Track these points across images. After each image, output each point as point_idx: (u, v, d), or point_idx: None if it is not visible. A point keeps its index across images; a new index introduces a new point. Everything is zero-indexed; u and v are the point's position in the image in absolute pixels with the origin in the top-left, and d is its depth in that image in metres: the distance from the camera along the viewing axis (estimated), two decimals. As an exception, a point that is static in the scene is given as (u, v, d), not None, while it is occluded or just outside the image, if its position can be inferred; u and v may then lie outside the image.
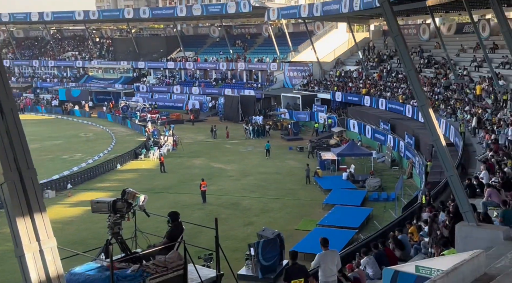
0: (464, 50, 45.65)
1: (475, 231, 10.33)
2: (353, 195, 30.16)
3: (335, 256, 9.72)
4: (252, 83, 64.67)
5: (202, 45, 73.86)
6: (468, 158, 26.62)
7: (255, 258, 19.63)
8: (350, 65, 58.70)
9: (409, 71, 11.18)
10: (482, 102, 33.85)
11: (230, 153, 43.14)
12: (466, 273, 7.57)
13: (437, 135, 11.03)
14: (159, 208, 28.84)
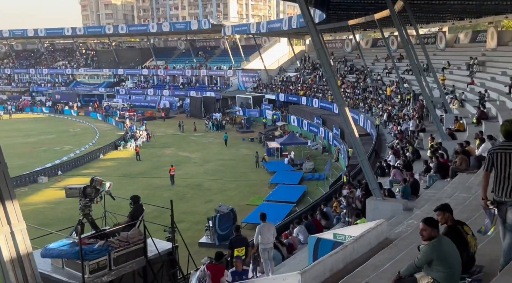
0: (378, 60, 46.58)
1: (381, 204, 10.54)
2: (293, 175, 30.38)
3: (271, 227, 9.68)
4: (212, 87, 64.03)
5: (171, 55, 72.57)
6: (380, 145, 27.20)
7: (213, 228, 19.53)
8: (290, 72, 58.95)
9: (329, 78, 11.22)
10: (391, 101, 34.62)
11: (195, 143, 42.66)
12: (372, 239, 7.68)
13: (351, 128, 11.13)
14: (135, 189, 28.21)
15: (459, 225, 4.33)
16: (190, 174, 31.55)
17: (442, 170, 12.44)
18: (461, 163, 11.88)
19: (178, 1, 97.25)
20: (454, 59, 36.18)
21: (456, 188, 10.26)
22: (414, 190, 12.05)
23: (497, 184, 4.54)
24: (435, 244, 3.93)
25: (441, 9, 31.63)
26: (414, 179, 12.46)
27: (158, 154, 38.37)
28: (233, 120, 52.48)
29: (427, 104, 21.53)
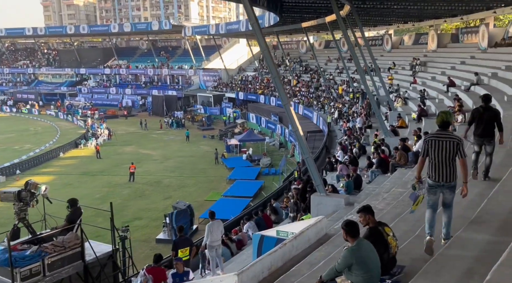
0: (330, 60, 47.03)
1: (325, 199, 10.43)
2: (250, 171, 30.17)
3: (220, 225, 9.37)
4: (174, 86, 62.84)
5: (133, 55, 70.72)
6: (332, 141, 27.39)
7: (170, 225, 18.98)
8: (249, 71, 58.69)
9: (274, 78, 11.00)
10: (342, 99, 34.97)
11: (156, 141, 41.69)
12: (311, 235, 7.50)
13: (296, 127, 10.97)
14: (94, 187, 27.38)
15: (380, 226, 4.19)
16: (150, 171, 30.74)
17: (383, 165, 12.52)
18: (400, 158, 11.96)
19: (140, 2, 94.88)
20: (399, 60, 36.96)
21: (394, 183, 10.29)
22: (357, 184, 12.06)
23: (432, 169, 4.75)
24: (354, 249, 3.76)
25: (386, 13, 32.19)
26: (357, 174, 12.46)
27: (118, 151, 37.21)
28: (195, 118, 51.75)
29: (370, 102, 21.75)
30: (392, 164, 12.03)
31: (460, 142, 4.73)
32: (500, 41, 25.62)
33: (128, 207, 23.91)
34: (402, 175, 10.92)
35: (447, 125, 4.95)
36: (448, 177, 4.68)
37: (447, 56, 30.91)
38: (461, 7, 27.01)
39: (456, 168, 4.77)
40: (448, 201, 4.79)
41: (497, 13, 26.20)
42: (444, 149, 4.66)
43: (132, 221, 21.84)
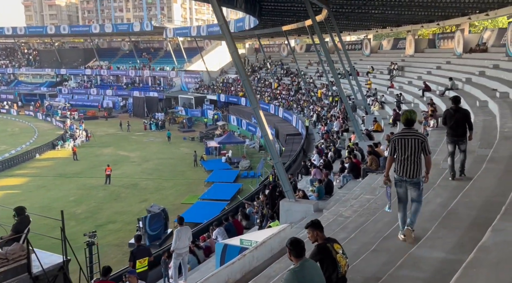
0: (311, 64, 46.91)
1: (294, 205, 10.12)
2: (229, 174, 29.72)
3: (188, 231, 8.98)
4: (156, 87, 61.99)
5: (115, 56, 69.57)
6: (309, 144, 27.19)
7: (143, 229, 18.47)
8: (231, 74, 58.24)
9: (244, 81, 10.66)
10: (321, 102, 34.85)
11: (135, 142, 40.91)
12: (274, 245, 7.15)
13: (266, 131, 10.65)
14: (69, 190, 26.63)
15: (329, 243, 3.87)
16: (127, 173, 30.06)
17: (354, 170, 12.27)
18: (371, 163, 11.73)
19: (123, 4, 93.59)
20: (378, 64, 37.05)
21: (364, 189, 10.04)
22: (328, 189, 11.78)
23: (398, 165, 4.94)
24: (297, 270, 3.43)
25: (365, 17, 32.23)
26: (328, 179, 12.18)
27: (96, 153, 36.36)
28: (175, 120, 51.10)
29: (345, 105, 21.57)
30: (364, 169, 11.79)
31: (424, 140, 4.89)
32: (475, 47, 25.78)
33: (102, 210, 23.27)
34: (372, 180, 10.68)
35: (411, 123, 5.04)
36: (412, 173, 4.82)
37: (424, 61, 31.04)
38: (437, 13, 27.15)
39: (421, 165, 4.88)
40: (415, 196, 4.92)
41: (472, 19, 26.39)
42: (409, 147, 4.80)
43: (106, 225, 21.32)
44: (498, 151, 7.04)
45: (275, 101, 42.07)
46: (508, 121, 9.52)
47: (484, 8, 23.32)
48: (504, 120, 9.87)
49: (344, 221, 7.21)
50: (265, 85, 48.68)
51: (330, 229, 7.13)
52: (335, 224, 7.33)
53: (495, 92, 14.86)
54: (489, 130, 9.98)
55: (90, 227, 21.23)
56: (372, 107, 25.67)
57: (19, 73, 71.29)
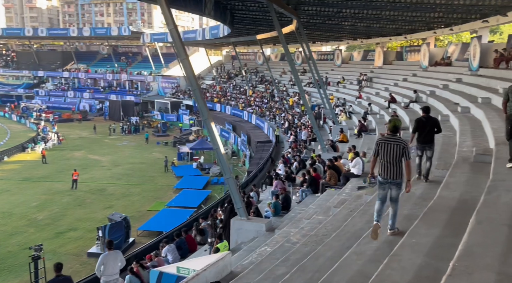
0: (285, 72, 46.28)
1: (246, 224, 9.22)
2: (199, 180, 28.62)
3: (118, 256, 7.94)
4: (133, 91, 60.37)
5: (93, 59, 67.52)
6: (278, 153, 26.38)
7: (103, 238, 17.23)
8: (207, 80, 57.20)
9: (194, 90, 9.73)
10: (293, 110, 34.18)
11: (108, 146, 39.33)
12: (210, 276, 6.20)
13: (217, 145, 9.72)
14: (33, 194, 25.09)
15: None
16: (96, 178, 28.63)
17: (314, 184, 11.45)
18: (330, 178, 10.94)
19: (104, 9, 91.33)
20: (348, 74, 36.69)
21: (319, 207, 9.23)
22: (285, 205, 10.92)
23: (381, 168, 5.19)
24: None
25: (336, 29, 31.76)
26: (285, 193, 11.32)
27: (67, 156, 34.69)
28: (150, 124, 49.68)
29: (309, 115, 20.86)
30: (322, 184, 11.00)
31: (406, 146, 5.12)
32: (440, 60, 25.54)
33: (65, 216, 21.87)
34: (329, 197, 9.89)
35: (396, 130, 5.35)
36: (394, 175, 5.09)
37: (392, 72, 30.77)
38: (404, 26, 26.87)
39: (402, 168, 5.15)
40: (394, 196, 5.17)
41: (437, 33, 26.17)
42: (391, 151, 5.08)
43: (66, 232, 20.00)
44: (454, 176, 6.31)
45: (248, 108, 41.23)
46: (467, 139, 8.88)
47: (449, 23, 23.07)
48: (463, 137, 9.24)
49: (289, 250, 6.36)
50: (240, 92, 47.80)
51: (274, 257, 6.25)
52: (279, 252, 6.48)
53: (457, 106, 14.37)
54: (448, 147, 9.33)
55: (51, 234, 19.92)
56: (340, 117, 25.10)
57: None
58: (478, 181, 5.98)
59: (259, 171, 21.77)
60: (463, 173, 6.44)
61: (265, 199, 14.26)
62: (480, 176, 6.10)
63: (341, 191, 9.84)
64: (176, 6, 16.70)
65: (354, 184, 9.97)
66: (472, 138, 8.91)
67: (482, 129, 10.00)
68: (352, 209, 7.42)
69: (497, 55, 17.13)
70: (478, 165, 6.80)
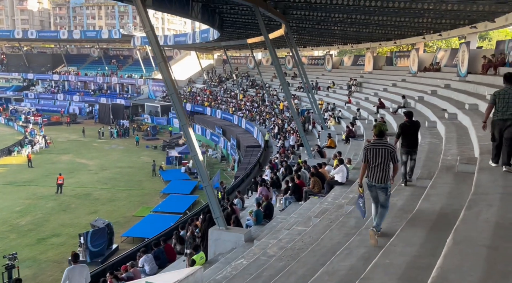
0: (276, 77, 45.94)
1: (224, 234, 8.86)
2: (186, 185, 28.15)
3: (84, 270, 7.52)
4: (123, 94, 59.76)
5: (84, 62, 66.83)
6: (267, 158, 26.02)
7: (85, 245, 16.75)
8: (198, 83, 56.78)
9: (172, 95, 9.37)
10: (283, 115, 33.89)
11: (96, 150, 38.69)
12: (179, 293, 5.82)
13: (195, 151, 9.35)
14: (17, 199, 24.47)
15: None
16: (82, 182, 28.04)
17: (297, 191, 11.11)
18: (314, 185, 10.62)
19: (95, 11, 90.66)
20: (338, 79, 36.52)
21: (300, 216, 8.89)
22: (268, 213, 10.56)
23: (369, 172, 5.25)
24: None
25: (326, 33, 31.62)
26: (268, 201, 10.95)
27: (54, 160, 34.02)
28: (140, 128, 49.12)
29: (295, 120, 20.55)
30: (306, 191, 10.66)
31: (393, 150, 5.25)
32: (429, 66, 25.43)
33: (48, 221, 21.31)
34: (311, 205, 9.56)
35: (382, 135, 5.50)
36: (380, 179, 5.17)
37: (381, 78, 30.64)
38: (394, 31, 26.77)
39: (389, 172, 5.22)
40: (382, 200, 5.23)
41: (426, 39, 26.09)
42: (380, 156, 5.16)
43: (49, 238, 19.46)
44: (436, 186, 6.01)
45: (239, 112, 40.88)
46: (452, 147, 8.61)
47: (438, 28, 22.97)
48: (449, 145, 8.97)
49: (264, 264, 6.01)
50: (231, 96, 47.46)
51: (248, 272, 5.89)
52: (254, 267, 6.15)
53: (444, 112, 14.15)
54: (433, 155, 9.07)
55: (33, 240, 19.35)
56: (329, 122, 24.86)
57: (-15, 76, 67.63)
58: (461, 192, 5.69)
59: (246, 176, 21.38)
60: (446, 183, 6.15)
61: (250, 206, 13.91)
62: (463, 187, 5.82)
63: (323, 199, 9.52)
64: (161, 8, 16.35)
65: (338, 192, 9.66)
66: (458, 146, 8.65)
67: (468, 136, 9.75)
68: (332, 220, 7.10)
69: (485, 61, 16.98)
70: (462, 175, 6.53)
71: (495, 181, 4.99)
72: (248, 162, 26.27)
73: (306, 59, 47.43)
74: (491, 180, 5.01)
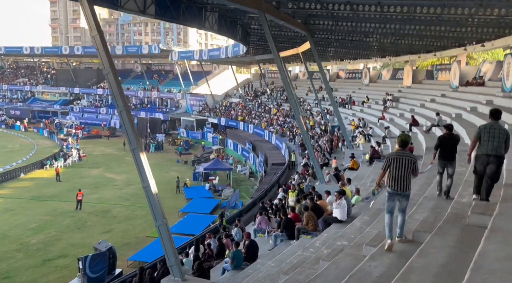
0: (311, 91, 44.18)
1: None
2: (208, 203, 26.84)
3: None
4: (162, 108, 60.24)
5: (127, 77, 68.35)
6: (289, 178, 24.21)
7: (83, 271, 15.77)
8: (235, 98, 56.06)
9: (121, 112, 8.04)
10: (313, 131, 31.98)
11: (126, 164, 38.28)
12: None
13: (148, 182, 7.97)
14: (35, 215, 24.15)
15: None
16: (104, 198, 27.55)
17: (289, 227, 9.35)
18: (308, 221, 8.83)
19: (142, 28, 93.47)
20: (375, 94, 34.14)
21: (278, 265, 7.14)
22: (251, 254, 8.86)
23: (392, 181, 5.32)
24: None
25: (360, 45, 29.68)
26: (250, 240, 9.24)
27: (83, 174, 34.03)
28: (175, 142, 48.89)
29: (303, 137, 18.68)
30: (298, 229, 8.89)
31: (416, 161, 5.40)
32: (472, 80, 22.78)
33: (60, 240, 20.70)
34: (298, 249, 7.77)
35: (406, 145, 5.55)
36: (403, 187, 5.28)
37: (420, 92, 28.11)
38: (434, 43, 24.38)
39: (410, 181, 5.36)
40: (403, 207, 5.34)
41: (468, 50, 23.41)
42: (403, 165, 5.27)
43: (55, 259, 18.74)
44: (428, 252, 4.16)
45: (270, 127, 39.41)
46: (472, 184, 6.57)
47: (481, 39, 20.41)
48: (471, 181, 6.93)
49: None
50: (265, 110, 46.14)
51: None
52: None
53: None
54: (451, 192, 7.11)
55: (37, 261, 18.67)
56: (358, 140, 22.73)
57: (35, 90, 70.95)
58: (460, 260, 3.84)
59: (259, 198, 19.67)
60: (444, 246, 4.27)
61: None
62: (465, 250, 3.95)
63: (313, 242, 7.74)
64: (166, 18, 15.32)
65: (332, 233, 7.84)
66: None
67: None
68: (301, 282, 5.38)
69: (534, 74, 14.46)
70: (472, 230, 4.62)
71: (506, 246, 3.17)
72: (270, 180, 24.62)
73: (343, 73, 45.31)
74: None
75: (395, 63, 41.50)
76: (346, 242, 6.53)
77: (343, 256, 5.43)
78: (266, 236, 10.33)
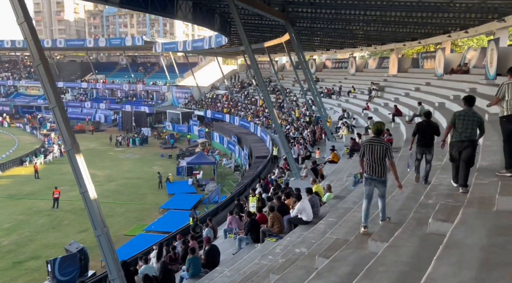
0: (296, 82, 43.45)
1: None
2: (189, 199, 26.13)
3: None
4: (148, 101, 59.14)
5: (112, 70, 67.08)
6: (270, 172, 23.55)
7: (52, 274, 15.07)
8: (221, 89, 55.14)
9: (54, 108, 7.35)
10: (298, 122, 31.33)
11: (109, 159, 37.60)
12: None
13: (85, 187, 7.34)
14: (10, 214, 23.30)
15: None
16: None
17: (255, 230, 8.70)
18: (273, 223, 8.18)
19: (127, 20, 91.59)
20: (361, 83, 33.49)
21: (235, 274, 6.51)
22: (210, 261, 8.19)
23: (367, 167, 5.53)
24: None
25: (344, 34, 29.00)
26: (211, 245, 8.57)
27: (64, 170, 32.90)
28: (161, 135, 48.01)
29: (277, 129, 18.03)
30: (263, 231, 8.25)
31: (388, 147, 5.52)
32: (457, 67, 22.19)
33: (33, 241, 19.92)
34: (258, 254, 7.13)
35: (380, 133, 5.78)
36: (378, 173, 5.45)
37: (405, 81, 27.50)
38: (417, 30, 23.77)
39: (385, 167, 5.49)
40: (381, 192, 5.54)
41: (452, 37, 22.84)
42: (375, 151, 5.45)
43: (26, 261, 17.98)
44: (373, 274, 3.52)
45: (256, 119, 38.69)
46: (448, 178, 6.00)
47: (464, 25, 19.83)
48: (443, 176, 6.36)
49: None
50: (251, 102, 45.37)
51: None
52: None
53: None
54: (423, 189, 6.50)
55: (7, 263, 17.88)
56: (341, 132, 22.14)
57: (19, 85, 69.27)
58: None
59: (238, 194, 19.01)
60: (397, 260, 3.63)
61: (220, 237, 11.62)
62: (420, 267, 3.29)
63: (276, 245, 7.11)
64: (131, 6, 14.45)
65: (295, 236, 7.20)
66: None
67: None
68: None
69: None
70: (431, 240, 3.99)
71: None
72: (252, 174, 23.95)
73: (330, 62, 44.59)
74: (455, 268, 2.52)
75: (382, 52, 40.89)
76: (305, 248, 5.91)
77: (294, 270, 4.81)
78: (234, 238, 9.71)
